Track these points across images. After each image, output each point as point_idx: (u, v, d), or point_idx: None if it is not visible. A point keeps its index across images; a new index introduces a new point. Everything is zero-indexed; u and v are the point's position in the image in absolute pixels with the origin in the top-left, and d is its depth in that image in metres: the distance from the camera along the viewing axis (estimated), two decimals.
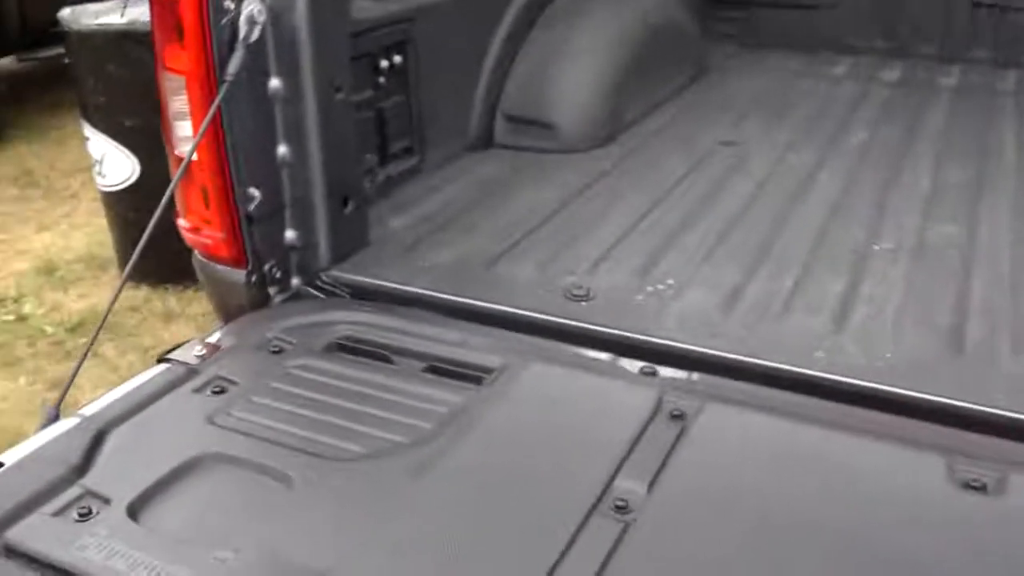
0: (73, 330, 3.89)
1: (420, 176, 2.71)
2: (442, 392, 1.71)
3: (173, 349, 1.87)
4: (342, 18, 2.12)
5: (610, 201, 2.59)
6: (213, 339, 1.93)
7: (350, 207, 2.21)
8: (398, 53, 2.52)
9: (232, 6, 1.90)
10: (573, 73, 3.02)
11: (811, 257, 2.21)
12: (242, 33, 1.91)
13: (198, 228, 2.07)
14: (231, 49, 1.90)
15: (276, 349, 1.86)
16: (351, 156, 2.19)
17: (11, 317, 4.04)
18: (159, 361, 1.85)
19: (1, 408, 3.42)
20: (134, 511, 1.40)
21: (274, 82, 2.03)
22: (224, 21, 1.90)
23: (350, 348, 1.89)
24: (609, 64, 3.09)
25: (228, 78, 1.88)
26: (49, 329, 3.92)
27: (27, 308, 4.10)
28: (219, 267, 2.11)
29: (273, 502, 1.43)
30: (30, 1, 6.17)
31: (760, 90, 3.65)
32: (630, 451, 1.51)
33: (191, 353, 1.84)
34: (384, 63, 2.48)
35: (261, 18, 1.95)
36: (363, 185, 2.27)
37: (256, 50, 1.97)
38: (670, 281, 2.10)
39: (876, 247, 2.27)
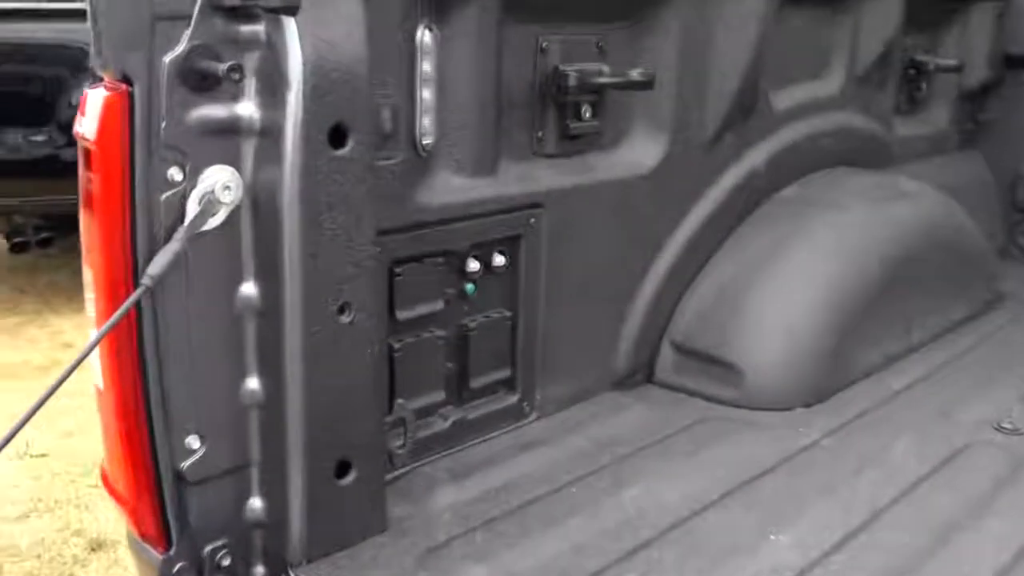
0: None
1: (520, 423, 1.94)
2: None
3: None
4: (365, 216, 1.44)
5: (795, 507, 1.66)
6: None
7: (350, 476, 1.48)
8: (501, 252, 1.81)
9: (179, 178, 1.29)
10: (776, 298, 2.14)
11: None
12: (189, 217, 1.29)
13: (113, 476, 1.43)
14: (168, 237, 1.28)
15: None
16: (358, 402, 1.47)
17: None
18: None
19: None
20: None
21: (246, 288, 1.38)
22: (166, 196, 1.28)
23: None
24: (834, 288, 2.18)
25: (146, 281, 1.25)
26: None
27: None
28: (138, 542, 1.44)
29: None
30: None
31: None
32: None
33: None
34: (474, 265, 1.77)
35: (228, 197, 1.31)
36: (378, 444, 1.53)
37: (223, 240, 1.34)
38: None
39: None
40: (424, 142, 1.62)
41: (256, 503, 1.47)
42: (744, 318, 2.12)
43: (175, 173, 1.28)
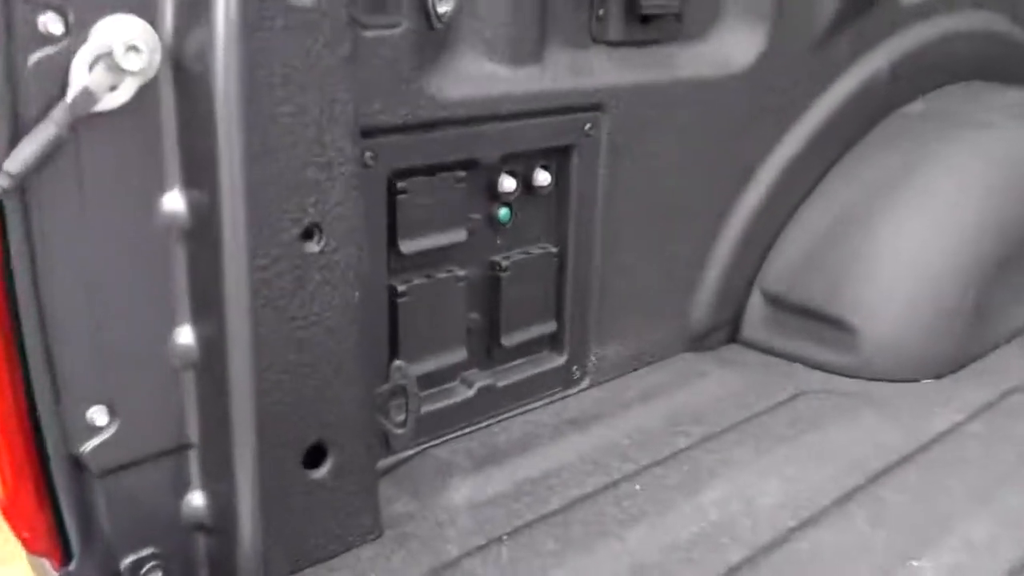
0: None
1: (568, 392, 1.51)
2: None
3: None
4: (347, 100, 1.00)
5: (939, 519, 1.21)
6: None
7: (326, 465, 1.07)
8: (546, 167, 1.37)
9: (58, 30, 0.87)
10: (903, 239, 1.66)
11: None
12: (74, 89, 0.87)
13: None
14: (41, 116, 0.87)
15: None
16: (337, 364, 1.05)
17: None
18: None
19: None
20: None
21: (170, 201, 0.97)
22: (37, 57, 0.86)
23: None
24: (977, 227, 1.69)
25: (2, 181, 0.84)
26: None
27: None
28: (32, 557, 1.06)
29: None
30: None
31: None
32: None
33: None
34: (509, 184, 1.33)
35: (138, 64, 0.89)
36: (366, 422, 1.11)
37: (133, 127, 0.93)
38: None
39: None
40: (439, 9, 1.18)
41: (196, 500, 1.07)
42: (861, 263, 1.65)
43: (51, 23, 0.86)
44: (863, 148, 1.81)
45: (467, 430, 1.36)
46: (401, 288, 1.24)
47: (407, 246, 1.22)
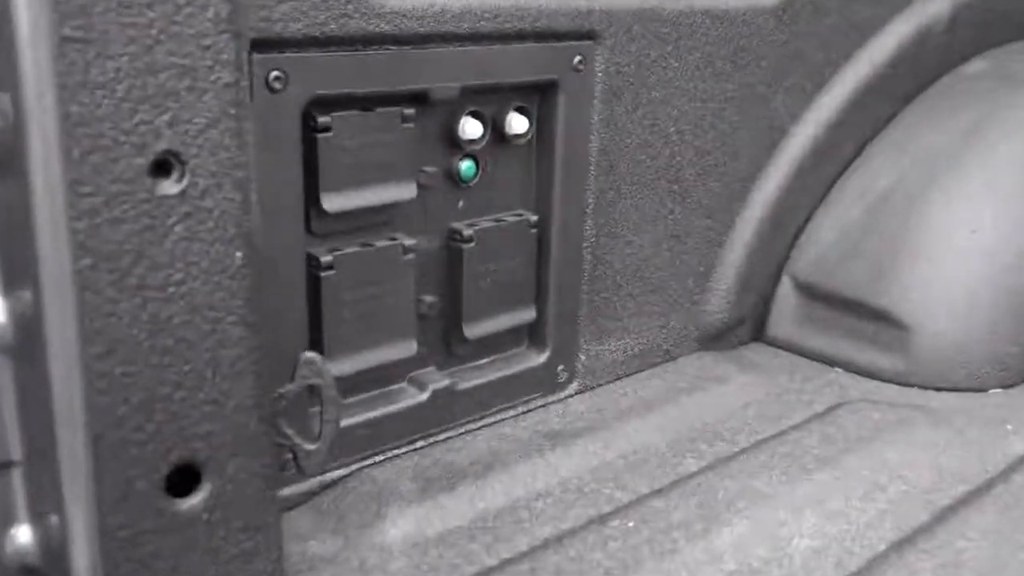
0: None
1: (549, 398, 1.21)
2: None
3: None
4: None
5: (1018, 570, 0.91)
6: None
7: (201, 493, 0.78)
8: (522, 110, 1.08)
9: None
10: (966, 220, 1.36)
11: None
12: None
13: None
14: None
15: None
16: (212, 355, 0.76)
17: None
18: None
19: None
20: None
21: None
22: None
23: None
24: None
25: None
26: None
27: None
28: None
29: None
30: None
31: None
32: None
33: None
34: (474, 129, 1.03)
35: None
36: (260, 434, 0.82)
37: None
38: None
39: None
40: None
41: (22, 536, 0.78)
42: (914, 247, 1.35)
43: None
44: (916, 110, 1.50)
45: (417, 445, 1.07)
46: (325, 259, 0.94)
47: (332, 202, 0.93)
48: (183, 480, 0.78)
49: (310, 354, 0.85)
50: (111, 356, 0.70)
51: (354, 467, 1.01)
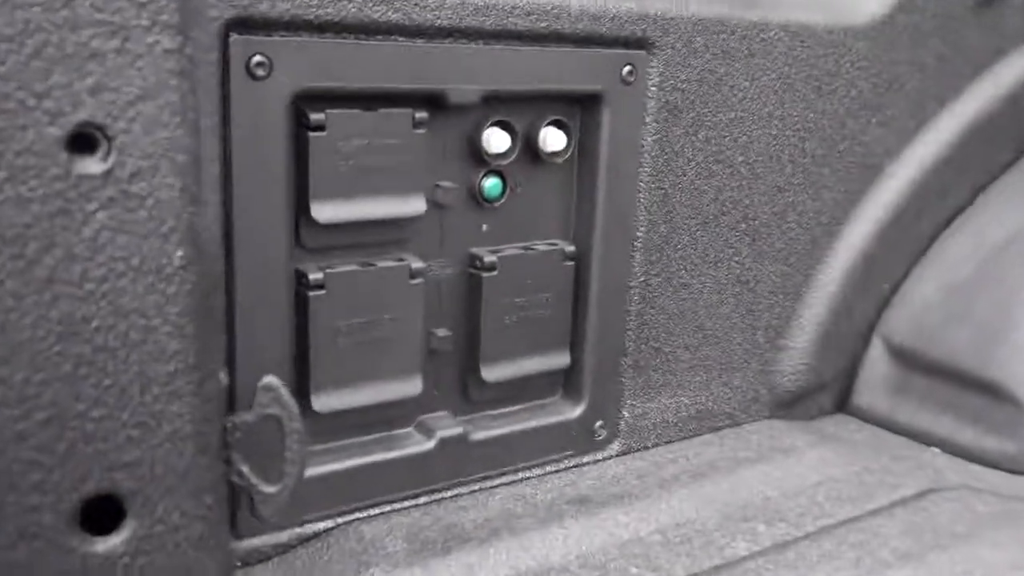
0: None
1: (584, 457, 1.05)
2: None
3: None
4: None
5: None
6: None
7: (123, 533, 0.66)
8: (560, 124, 0.95)
9: None
10: None
11: None
12: None
13: None
14: None
15: None
16: (153, 374, 0.64)
17: None
18: None
19: None
20: None
21: None
22: None
23: None
24: None
25: None
26: None
27: None
28: None
29: None
30: None
31: None
32: None
33: None
34: (500, 142, 0.91)
35: None
36: (203, 471, 0.69)
37: None
38: None
39: None
40: None
41: None
42: None
43: None
44: None
45: (419, 500, 0.93)
46: (314, 276, 0.83)
47: (324, 212, 0.81)
48: (101, 515, 0.66)
49: (269, 379, 0.73)
50: (10, 360, 0.60)
51: (340, 520, 0.88)
